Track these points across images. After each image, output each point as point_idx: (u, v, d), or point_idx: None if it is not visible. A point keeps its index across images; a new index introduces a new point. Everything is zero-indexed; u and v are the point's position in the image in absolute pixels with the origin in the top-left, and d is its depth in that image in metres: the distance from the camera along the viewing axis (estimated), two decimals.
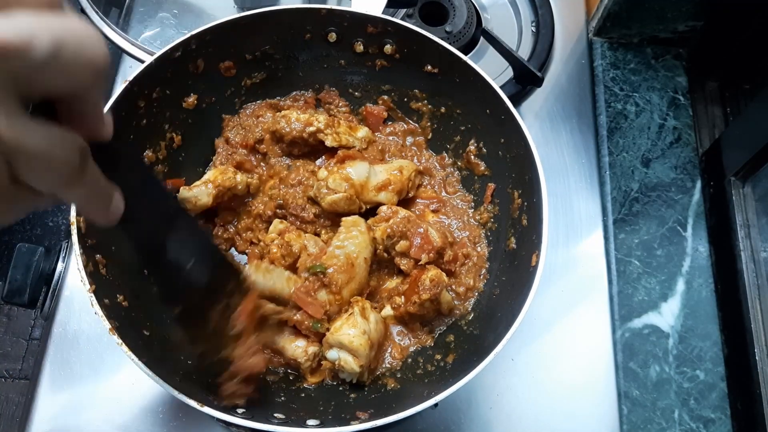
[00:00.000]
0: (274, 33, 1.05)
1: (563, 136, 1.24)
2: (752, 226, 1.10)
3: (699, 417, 1.05)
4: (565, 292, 1.11)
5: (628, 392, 1.06)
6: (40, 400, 0.98)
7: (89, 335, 1.02)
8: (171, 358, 0.88)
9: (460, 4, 1.29)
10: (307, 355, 0.93)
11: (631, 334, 1.10)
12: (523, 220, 0.96)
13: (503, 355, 0.97)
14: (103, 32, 1.14)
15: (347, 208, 1.01)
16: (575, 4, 1.38)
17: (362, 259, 0.96)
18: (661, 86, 1.31)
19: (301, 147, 1.08)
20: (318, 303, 0.92)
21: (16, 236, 2.13)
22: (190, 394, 0.76)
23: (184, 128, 1.05)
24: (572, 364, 1.06)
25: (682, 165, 1.24)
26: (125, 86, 0.91)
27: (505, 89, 1.16)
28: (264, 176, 1.09)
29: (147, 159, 0.99)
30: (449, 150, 1.13)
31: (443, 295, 0.95)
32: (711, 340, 1.10)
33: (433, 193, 1.12)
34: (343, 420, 0.81)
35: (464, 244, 1.05)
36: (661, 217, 1.19)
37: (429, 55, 1.04)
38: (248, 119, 1.11)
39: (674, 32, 1.32)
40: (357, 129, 1.09)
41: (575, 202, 1.19)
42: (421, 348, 0.99)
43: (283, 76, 1.12)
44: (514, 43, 1.32)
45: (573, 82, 1.30)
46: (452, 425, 1.00)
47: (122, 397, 0.98)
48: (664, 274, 1.15)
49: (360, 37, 1.06)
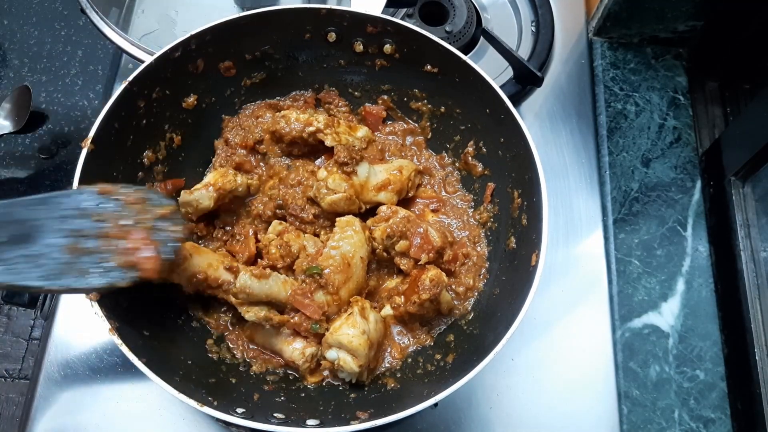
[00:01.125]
0: (274, 33, 1.05)
1: (563, 136, 1.24)
2: (752, 226, 1.10)
3: (699, 417, 1.05)
4: (565, 292, 1.11)
5: (628, 392, 1.06)
6: (40, 400, 0.98)
7: (89, 335, 1.02)
8: (171, 358, 0.88)
9: (460, 4, 1.29)
10: (304, 357, 0.93)
11: (631, 334, 1.10)
12: (523, 219, 0.96)
13: (503, 355, 0.97)
14: (103, 32, 1.15)
15: (347, 208, 1.01)
16: (575, 4, 1.38)
17: (358, 259, 0.96)
18: (661, 86, 1.31)
19: (301, 147, 1.08)
20: (315, 304, 0.92)
21: None
22: (190, 394, 0.76)
23: (184, 128, 1.05)
24: (572, 364, 1.06)
25: (682, 165, 1.24)
26: (125, 86, 0.91)
27: (505, 89, 1.16)
28: (264, 176, 1.09)
29: (147, 159, 0.99)
30: (449, 150, 1.13)
31: (443, 295, 0.95)
32: (711, 340, 1.10)
33: (433, 193, 1.12)
34: (343, 420, 0.81)
35: (464, 243, 1.05)
36: (661, 217, 1.19)
37: (429, 55, 1.04)
38: (248, 119, 1.11)
39: (674, 32, 1.32)
40: (357, 129, 1.09)
41: (575, 201, 1.19)
42: (421, 348, 0.99)
43: (283, 76, 1.12)
44: (514, 43, 1.31)
45: (573, 81, 1.30)
46: (452, 425, 1.00)
47: (122, 397, 0.98)
48: (664, 274, 1.15)
49: (360, 36, 1.06)
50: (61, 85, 1.90)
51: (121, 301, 0.86)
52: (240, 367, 0.96)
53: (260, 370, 0.95)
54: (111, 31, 1.14)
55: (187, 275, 0.91)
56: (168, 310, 0.96)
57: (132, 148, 0.97)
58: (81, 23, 1.91)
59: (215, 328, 0.99)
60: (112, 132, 0.91)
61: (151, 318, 0.91)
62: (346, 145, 1.03)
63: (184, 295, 0.96)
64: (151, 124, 0.99)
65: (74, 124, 1.86)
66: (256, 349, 0.97)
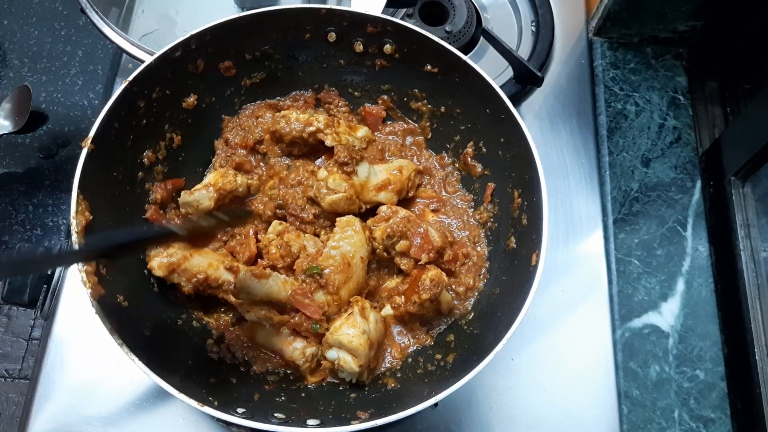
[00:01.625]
0: (274, 33, 1.05)
1: (563, 136, 1.24)
2: (752, 226, 1.10)
3: (699, 417, 1.05)
4: (565, 292, 1.11)
5: (628, 392, 1.06)
6: (40, 400, 0.98)
7: (89, 335, 1.02)
8: (171, 358, 0.88)
9: (460, 4, 1.29)
10: (305, 357, 0.93)
11: (631, 333, 1.10)
12: (523, 219, 0.96)
13: (503, 355, 0.97)
14: (103, 32, 1.15)
15: (347, 208, 1.01)
16: (575, 4, 1.38)
17: (359, 259, 0.96)
18: (661, 86, 1.31)
19: (301, 147, 1.08)
20: (315, 304, 0.92)
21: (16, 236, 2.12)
22: (190, 394, 0.76)
23: (184, 128, 1.05)
24: (572, 364, 1.06)
25: (682, 165, 1.24)
26: (125, 86, 0.91)
27: (505, 89, 1.16)
28: (264, 176, 1.09)
29: (147, 159, 0.99)
30: (449, 150, 1.13)
31: (443, 295, 0.95)
32: (711, 340, 1.10)
33: (433, 193, 1.12)
34: (344, 420, 0.81)
35: (464, 243, 1.05)
36: (661, 217, 1.19)
37: (429, 55, 1.04)
38: (248, 119, 1.11)
39: (674, 32, 1.32)
40: (357, 129, 1.09)
41: (575, 201, 1.19)
42: (421, 348, 0.99)
43: (283, 76, 1.12)
44: (514, 43, 1.31)
45: (573, 81, 1.30)
46: (452, 425, 1.00)
47: (122, 397, 0.98)
48: (664, 274, 1.15)
49: (360, 36, 1.06)
50: (61, 85, 1.90)
51: (121, 301, 0.86)
52: (240, 367, 0.96)
53: (260, 370, 0.95)
54: (111, 31, 1.14)
55: (188, 275, 0.91)
56: (168, 310, 0.96)
57: (132, 148, 0.97)
58: (81, 23, 1.91)
59: (215, 328, 0.99)
60: (112, 132, 0.91)
61: (151, 318, 0.91)
62: (346, 145, 1.03)
63: (184, 295, 0.96)
64: (151, 124, 0.99)
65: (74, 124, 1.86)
66: (256, 349, 0.97)
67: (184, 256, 0.92)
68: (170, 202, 1.03)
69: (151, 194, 1.00)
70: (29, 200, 1.93)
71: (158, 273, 0.91)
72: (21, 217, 1.96)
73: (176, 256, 0.92)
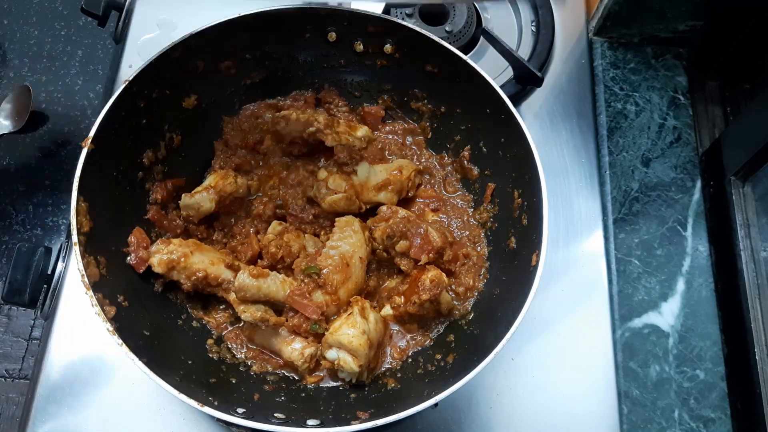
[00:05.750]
0: (274, 33, 1.05)
1: (563, 136, 1.24)
2: (752, 225, 1.10)
3: (699, 416, 1.05)
4: (565, 292, 1.11)
5: (628, 392, 1.06)
6: (40, 400, 0.98)
7: (89, 335, 1.02)
8: (171, 358, 0.88)
9: (460, 4, 1.29)
10: (303, 357, 0.93)
11: (631, 333, 1.10)
12: (523, 219, 0.96)
13: (503, 355, 0.97)
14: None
15: (347, 208, 1.01)
16: (575, 4, 1.38)
17: (357, 259, 0.96)
18: (661, 86, 1.31)
19: (301, 147, 1.08)
20: (314, 304, 0.92)
21: (16, 236, 2.12)
22: (190, 394, 0.76)
23: (184, 128, 1.05)
24: (572, 363, 1.06)
25: (682, 165, 1.24)
26: (125, 86, 0.91)
27: (505, 89, 1.15)
28: (264, 176, 1.09)
29: (147, 159, 0.99)
30: (449, 149, 1.13)
31: (443, 296, 0.95)
32: (711, 340, 1.10)
33: (433, 193, 1.12)
34: (344, 420, 0.81)
35: (464, 243, 1.05)
36: (661, 217, 1.19)
37: (429, 55, 1.04)
38: (248, 119, 1.11)
39: (674, 32, 1.32)
40: (357, 128, 1.09)
41: (575, 201, 1.19)
42: (421, 348, 0.99)
43: (283, 76, 1.12)
44: (514, 43, 1.31)
45: (573, 81, 1.30)
46: (452, 425, 1.00)
47: (122, 397, 0.98)
48: (664, 274, 1.15)
49: (360, 36, 1.06)
50: (61, 85, 1.90)
51: (121, 301, 0.86)
52: (240, 367, 0.96)
53: (260, 370, 0.96)
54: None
55: (188, 272, 0.91)
56: (168, 310, 0.96)
57: (132, 148, 0.97)
58: (81, 23, 1.91)
59: (215, 328, 0.99)
60: (112, 132, 0.91)
61: (151, 318, 0.91)
62: (346, 145, 1.03)
63: (184, 294, 0.96)
64: (151, 124, 0.99)
65: (74, 124, 1.86)
66: (255, 349, 0.97)
67: (185, 254, 0.92)
68: (171, 202, 1.03)
69: (152, 194, 1.00)
70: (29, 200, 1.93)
71: (158, 270, 0.91)
72: (21, 217, 1.97)
73: (176, 254, 0.92)
